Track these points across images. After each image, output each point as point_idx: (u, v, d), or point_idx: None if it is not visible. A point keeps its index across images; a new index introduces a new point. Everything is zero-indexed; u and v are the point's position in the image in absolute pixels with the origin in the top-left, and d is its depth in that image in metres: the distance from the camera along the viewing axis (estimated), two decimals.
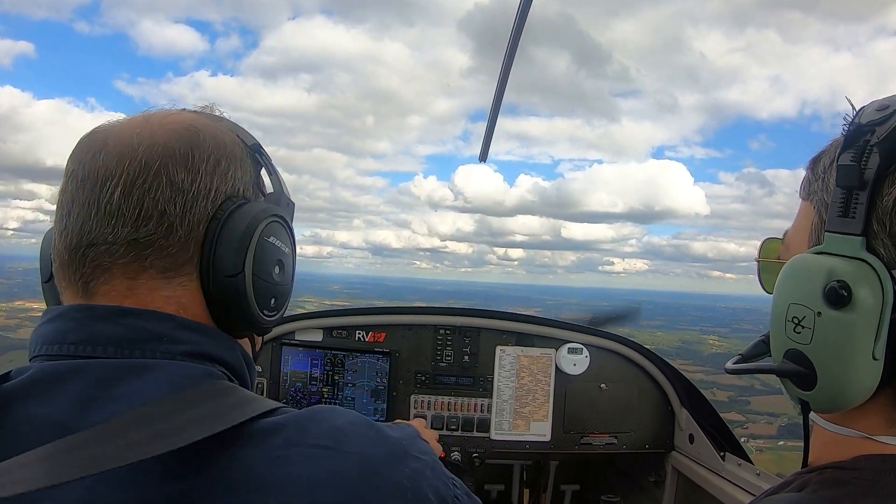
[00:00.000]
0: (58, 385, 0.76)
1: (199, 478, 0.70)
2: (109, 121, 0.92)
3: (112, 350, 0.79)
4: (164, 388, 0.77)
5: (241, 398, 0.79)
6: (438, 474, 0.83)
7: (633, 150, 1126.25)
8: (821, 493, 0.78)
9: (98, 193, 0.82)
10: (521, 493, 3.27)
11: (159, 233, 0.83)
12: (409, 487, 0.77)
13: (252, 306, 0.89)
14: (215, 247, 0.86)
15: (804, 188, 0.91)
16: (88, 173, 0.84)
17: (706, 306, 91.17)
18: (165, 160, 0.84)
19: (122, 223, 0.82)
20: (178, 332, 0.83)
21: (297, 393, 2.81)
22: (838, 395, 0.79)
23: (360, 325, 2.85)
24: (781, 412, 25.88)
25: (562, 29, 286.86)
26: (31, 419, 0.74)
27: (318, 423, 0.78)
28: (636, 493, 3.10)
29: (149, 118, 0.90)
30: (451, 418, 2.83)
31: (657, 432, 2.90)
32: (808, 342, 0.80)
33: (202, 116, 0.95)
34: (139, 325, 0.81)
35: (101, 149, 0.85)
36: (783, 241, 0.97)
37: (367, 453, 0.77)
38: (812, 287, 0.79)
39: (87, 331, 0.80)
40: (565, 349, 2.85)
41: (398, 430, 0.84)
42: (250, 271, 0.88)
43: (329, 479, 0.73)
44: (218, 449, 0.72)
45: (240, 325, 0.92)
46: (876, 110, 0.78)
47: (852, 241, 0.77)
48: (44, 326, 0.84)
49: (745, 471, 2.39)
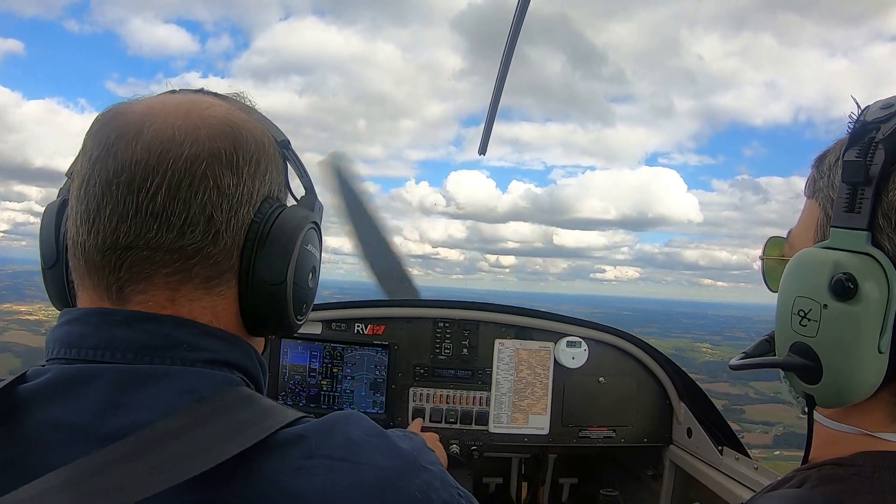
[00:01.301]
0: (77, 389, 0.75)
1: (221, 489, 0.71)
2: (132, 99, 0.87)
3: (130, 356, 0.78)
4: (184, 396, 0.76)
5: (262, 409, 0.79)
6: (447, 485, 0.85)
7: (627, 157, 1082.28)
8: (820, 490, 0.79)
9: (137, 192, 0.77)
10: (520, 486, 3.27)
11: (206, 240, 0.80)
12: (420, 500, 0.79)
13: (290, 314, 0.90)
14: (258, 254, 0.85)
15: (809, 186, 0.92)
16: (123, 165, 0.78)
17: (697, 314, 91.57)
18: (211, 160, 0.80)
19: (167, 228, 0.78)
20: (199, 339, 0.81)
21: (296, 386, 2.80)
22: (844, 388, 0.80)
23: (358, 317, 2.85)
24: (776, 421, 25.85)
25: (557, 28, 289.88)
26: (52, 424, 0.73)
27: (334, 435, 0.79)
28: (634, 487, 3.10)
29: (187, 109, 0.84)
30: (450, 411, 2.83)
31: (655, 426, 2.91)
32: (814, 335, 0.80)
33: (237, 109, 0.90)
34: (159, 332, 0.79)
35: (135, 138, 0.79)
36: (787, 239, 0.98)
37: (381, 465, 0.78)
38: (818, 280, 0.79)
39: (105, 336, 0.78)
40: (564, 342, 2.85)
41: (408, 441, 0.86)
42: (291, 279, 0.88)
43: (345, 491, 0.74)
44: (239, 461, 0.72)
45: (272, 330, 0.92)
46: (881, 108, 0.79)
47: (858, 235, 0.78)
48: (60, 329, 0.82)
49: (743, 465, 2.39)
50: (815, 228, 0.88)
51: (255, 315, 0.87)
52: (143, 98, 0.88)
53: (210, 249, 0.81)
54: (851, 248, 0.78)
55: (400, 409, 2.82)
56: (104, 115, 0.84)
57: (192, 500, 0.70)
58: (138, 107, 0.84)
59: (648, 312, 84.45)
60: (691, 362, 39.12)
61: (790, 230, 0.98)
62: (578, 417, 2.87)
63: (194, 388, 0.77)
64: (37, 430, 0.73)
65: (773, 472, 2.16)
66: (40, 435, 0.72)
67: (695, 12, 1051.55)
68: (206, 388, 0.78)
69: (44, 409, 0.74)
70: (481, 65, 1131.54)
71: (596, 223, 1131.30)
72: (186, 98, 0.87)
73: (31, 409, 0.74)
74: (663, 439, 2.91)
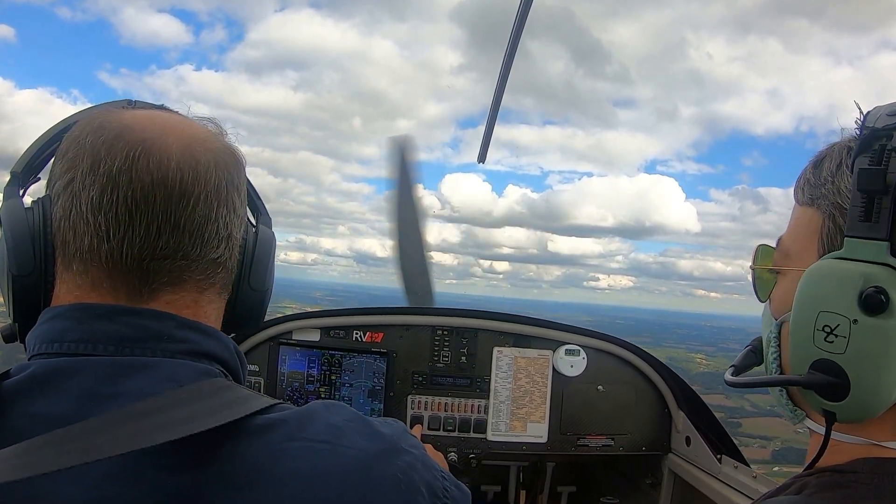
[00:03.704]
0: (59, 382, 0.76)
1: (200, 471, 0.72)
2: (118, 109, 0.90)
3: (112, 348, 0.80)
4: (164, 384, 0.78)
5: (241, 395, 0.81)
6: (428, 467, 0.86)
7: (625, 164, 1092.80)
8: (819, 496, 0.78)
9: (175, 208, 0.83)
10: (518, 494, 3.26)
11: (226, 254, 0.91)
12: (402, 480, 0.81)
13: (263, 315, 1.04)
14: (252, 266, 0.97)
15: (805, 192, 0.89)
16: (157, 183, 0.82)
17: (691, 324, 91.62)
18: (229, 185, 0.90)
19: (202, 242, 0.86)
20: (178, 330, 0.84)
21: (294, 393, 2.78)
22: (870, 404, 0.78)
23: (357, 325, 2.84)
24: (774, 435, 25.48)
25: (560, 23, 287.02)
26: (32, 416, 0.74)
27: (315, 420, 0.81)
28: (633, 496, 3.09)
29: (202, 135, 0.91)
30: (448, 419, 2.82)
31: (654, 434, 2.91)
32: (842, 351, 0.77)
33: (221, 133, 0.96)
34: (139, 324, 0.82)
35: (164, 156, 0.83)
36: (777, 247, 0.95)
37: (362, 447, 0.80)
38: (845, 294, 0.76)
39: (87, 329, 0.80)
40: (562, 351, 2.85)
41: (388, 426, 0.88)
42: (271, 287, 1.02)
43: (327, 472, 0.76)
44: (219, 443, 0.74)
45: (243, 329, 1.03)
46: (888, 115, 0.78)
47: (879, 246, 0.76)
48: (43, 326, 0.83)
49: (742, 473, 2.39)
50: (817, 238, 0.85)
51: (236, 315, 0.98)
52: (134, 110, 0.90)
53: (230, 262, 0.92)
54: (872, 259, 0.76)
55: (398, 416, 2.80)
56: (104, 127, 0.85)
57: (174, 483, 0.71)
58: (144, 122, 0.86)
59: (642, 322, 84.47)
60: (686, 373, 39.00)
61: (779, 238, 0.95)
62: (577, 426, 2.86)
63: (174, 376, 0.79)
64: (22, 424, 0.73)
65: (771, 481, 2.17)
66: (25, 428, 0.72)
67: (701, 14, 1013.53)
68: (185, 377, 0.80)
69: (28, 403, 0.75)
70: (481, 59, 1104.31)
71: (593, 230, 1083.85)
72: (193, 123, 0.93)
73: (14, 404, 0.75)
74: (662, 448, 2.90)
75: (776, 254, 0.95)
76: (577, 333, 2.92)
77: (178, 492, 0.71)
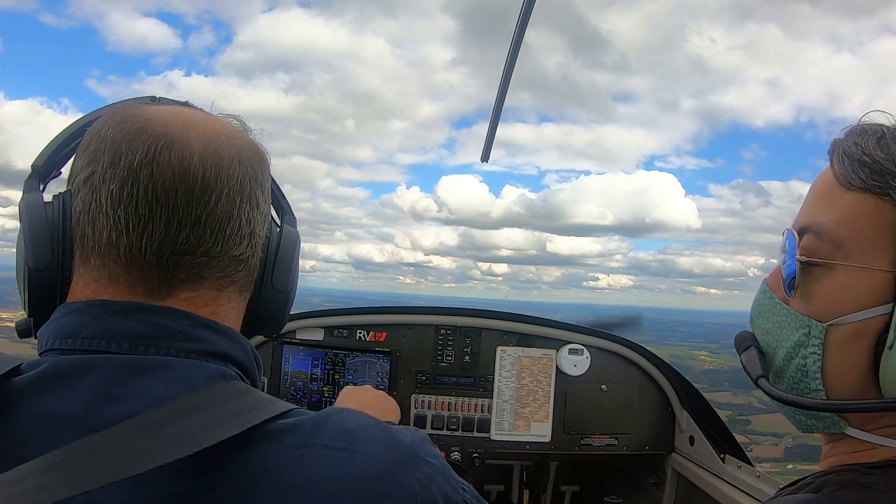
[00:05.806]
0: (70, 380, 0.75)
1: (214, 476, 0.71)
2: (143, 104, 0.89)
3: (126, 346, 0.78)
4: (179, 387, 0.76)
5: (256, 400, 0.79)
6: (449, 479, 0.83)
7: (623, 160, 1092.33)
8: (838, 495, 0.76)
9: (196, 204, 0.81)
10: (521, 493, 3.26)
11: (248, 251, 0.89)
12: (420, 492, 0.77)
13: (286, 316, 1.01)
14: (276, 265, 0.95)
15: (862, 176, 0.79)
16: (178, 177, 0.80)
17: (693, 322, 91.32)
18: (253, 182, 0.88)
19: (223, 239, 0.84)
20: (194, 329, 0.82)
21: (297, 392, 2.79)
22: None
23: (361, 324, 2.84)
24: (785, 432, 24.77)
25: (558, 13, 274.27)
26: (42, 415, 0.73)
27: (331, 425, 0.79)
28: (636, 495, 3.09)
29: (226, 130, 0.89)
30: (452, 418, 2.82)
31: (657, 434, 2.91)
32: None
33: (245, 129, 0.94)
34: (155, 322, 0.80)
35: (187, 151, 0.82)
36: (821, 236, 0.83)
37: (379, 456, 0.77)
38: None
39: (102, 325, 0.79)
40: (566, 350, 2.85)
41: (409, 433, 0.84)
42: (294, 287, 0.99)
43: (342, 480, 0.74)
44: (234, 448, 0.72)
45: (265, 331, 1.01)
46: None
47: None
48: (59, 321, 0.82)
49: (746, 473, 2.39)
50: (892, 232, 0.77)
51: (258, 316, 0.95)
52: (157, 106, 0.89)
53: (251, 260, 0.90)
54: None
55: (401, 416, 2.81)
56: (126, 121, 0.84)
57: (185, 487, 0.70)
58: (167, 117, 0.85)
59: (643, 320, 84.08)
60: (691, 370, 38.77)
61: (810, 226, 0.85)
62: (580, 425, 2.86)
63: (189, 378, 0.78)
64: (31, 422, 0.73)
65: (775, 481, 2.16)
66: (34, 426, 0.72)
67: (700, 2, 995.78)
68: (200, 380, 0.78)
69: (38, 401, 0.74)
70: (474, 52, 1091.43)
71: (592, 228, 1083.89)
72: (217, 120, 0.91)
73: (24, 401, 0.74)
74: (665, 447, 2.90)
75: (820, 244, 0.83)
76: (580, 333, 2.92)
77: (189, 495, 0.70)
